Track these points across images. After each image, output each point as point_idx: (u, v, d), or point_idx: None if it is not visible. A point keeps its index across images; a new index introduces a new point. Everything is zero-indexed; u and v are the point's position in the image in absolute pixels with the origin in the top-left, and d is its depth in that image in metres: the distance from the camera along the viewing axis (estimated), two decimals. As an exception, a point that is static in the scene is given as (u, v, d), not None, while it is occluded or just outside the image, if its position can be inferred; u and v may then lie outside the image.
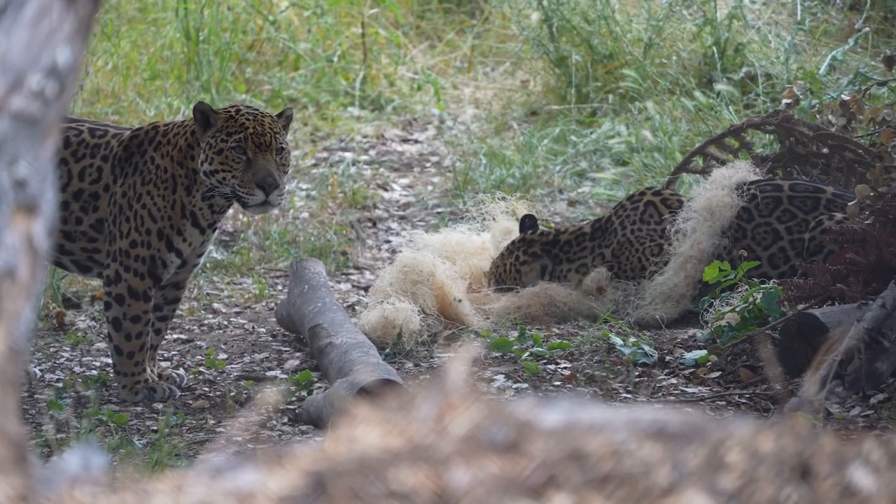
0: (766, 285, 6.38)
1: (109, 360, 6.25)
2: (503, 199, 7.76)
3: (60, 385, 6.14)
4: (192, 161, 5.93)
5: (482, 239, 7.51)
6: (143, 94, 9.57)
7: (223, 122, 5.85)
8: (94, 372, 6.35)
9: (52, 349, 6.65)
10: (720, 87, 9.41)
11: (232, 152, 5.82)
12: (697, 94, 9.41)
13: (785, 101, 7.74)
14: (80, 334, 6.83)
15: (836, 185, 7.18)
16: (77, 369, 6.40)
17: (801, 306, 6.16)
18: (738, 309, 6.36)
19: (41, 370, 6.35)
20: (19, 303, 2.21)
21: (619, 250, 7.13)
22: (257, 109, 5.99)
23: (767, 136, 8.08)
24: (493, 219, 7.63)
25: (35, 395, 6.06)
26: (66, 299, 7.20)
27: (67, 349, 6.66)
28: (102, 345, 6.67)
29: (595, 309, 6.95)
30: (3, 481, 2.12)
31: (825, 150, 7.52)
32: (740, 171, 7.16)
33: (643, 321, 6.85)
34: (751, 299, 6.31)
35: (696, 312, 6.86)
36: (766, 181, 7.11)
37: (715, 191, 7.00)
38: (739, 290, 6.53)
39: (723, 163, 7.68)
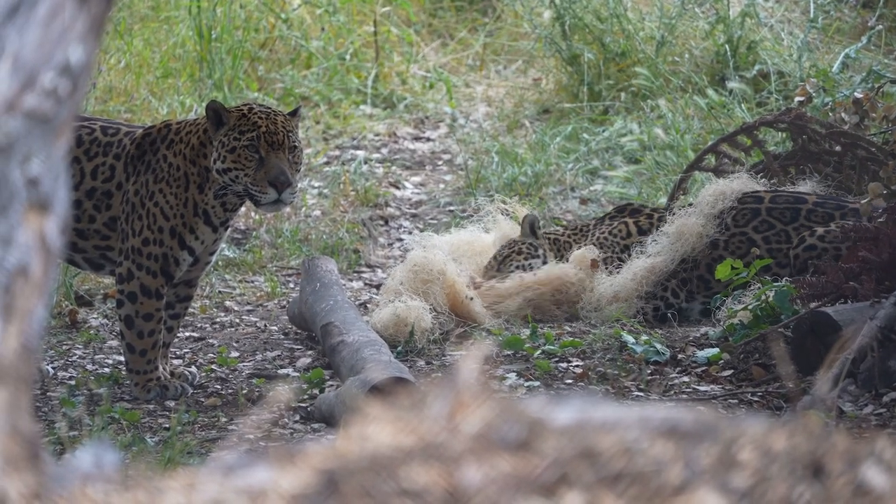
0: (779, 283, 6.37)
1: (122, 358, 6.26)
2: (503, 202, 7.76)
3: (73, 383, 6.16)
4: (205, 159, 5.94)
5: (492, 238, 7.51)
6: (155, 92, 9.58)
7: (236, 120, 5.86)
8: (107, 370, 6.36)
9: (64, 347, 6.66)
10: (733, 84, 9.39)
11: (245, 150, 5.82)
12: (710, 91, 9.39)
13: (798, 98, 7.73)
14: (92, 332, 6.84)
15: (821, 193, 7.19)
16: (90, 367, 6.41)
17: (813, 304, 6.15)
18: (750, 307, 6.35)
19: (54, 368, 6.36)
20: (32, 301, 2.21)
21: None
22: (270, 108, 5.99)
23: (780, 134, 8.06)
24: (494, 220, 7.62)
25: (48, 393, 6.07)
26: (79, 297, 7.22)
27: (80, 347, 6.67)
28: (115, 342, 6.68)
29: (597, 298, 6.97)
30: (17, 479, 2.12)
31: (838, 148, 7.50)
32: (736, 182, 7.19)
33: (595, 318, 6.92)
34: (763, 297, 6.30)
35: (707, 312, 6.87)
36: (749, 193, 7.14)
37: (689, 218, 7.05)
38: (752, 288, 6.53)
39: (735, 161, 7.68)
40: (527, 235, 7.33)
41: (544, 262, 7.25)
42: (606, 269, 7.10)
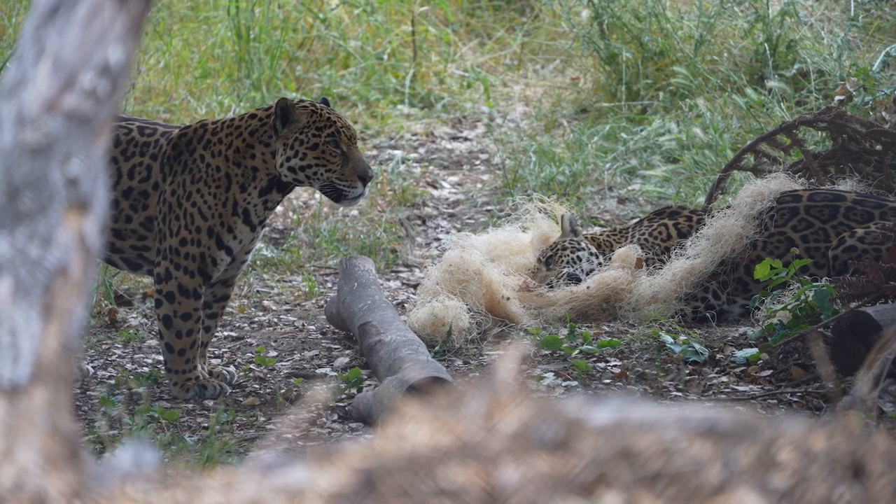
0: (819, 283, 6.34)
1: (161, 358, 6.28)
2: (541, 201, 7.76)
3: (113, 382, 6.19)
4: (252, 159, 5.96)
5: (529, 237, 7.51)
6: (194, 92, 9.62)
7: (308, 117, 5.89)
8: (146, 369, 6.39)
9: (104, 346, 6.70)
10: (772, 83, 9.35)
11: (328, 146, 5.86)
12: (749, 90, 9.35)
13: (838, 97, 7.69)
14: (132, 331, 6.87)
15: (860, 191, 7.16)
16: (129, 366, 6.44)
17: (853, 304, 6.12)
18: (789, 307, 6.32)
19: (94, 367, 6.40)
20: (72, 300, 2.23)
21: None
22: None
23: (820, 133, 8.02)
24: (532, 220, 7.62)
25: (88, 392, 6.10)
26: (119, 296, 7.25)
27: (119, 346, 6.70)
28: (154, 342, 6.71)
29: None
30: (57, 477, 2.13)
31: (878, 147, 7.46)
32: (773, 182, 7.18)
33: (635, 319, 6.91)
34: (803, 297, 6.27)
35: (746, 313, 6.84)
36: (787, 192, 7.12)
37: (727, 220, 7.04)
38: (791, 288, 6.50)
39: (774, 160, 7.64)
40: (567, 234, 7.34)
41: (591, 255, 7.25)
42: (647, 270, 7.09)
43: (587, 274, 7.20)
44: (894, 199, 7.04)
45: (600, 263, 7.27)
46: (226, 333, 6.88)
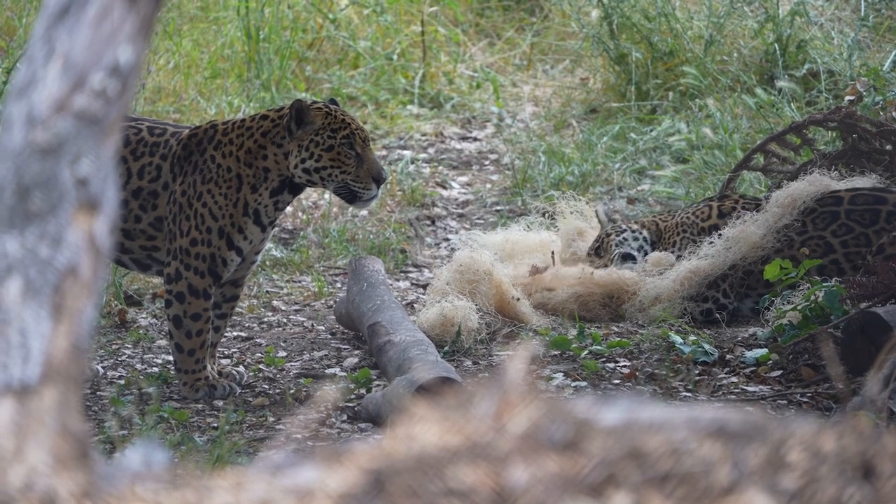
0: (828, 283, 6.33)
1: (171, 358, 6.29)
2: (573, 197, 7.77)
3: (122, 382, 6.19)
4: (264, 160, 5.97)
5: (539, 237, 7.50)
6: (203, 92, 9.63)
7: (323, 119, 5.91)
8: (156, 369, 6.39)
9: (114, 346, 6.70)
10: (782, 83, 9.34)
11: (343, 148, 5.89)
12: (759, 91, 9.34)
13: (848, 97, 7.68)
14: (141, 331, 6.88)
15: None
16: (139, 366, 6.45)
17: (863, 305, 6.11)
18: (799, 307, 6.31)
19: (104, 367, 6.40)
20: (82, 300, 2.23)
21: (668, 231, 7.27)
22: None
23: (830, 132, 8.01)
24: (563, 217, 7.62)
25: (98, 392, 6.11)
26: (128, 297, 7.26)
27: (129, 346, 6.71)
28: (164, 342, 6.71)
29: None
30: (67, 477, 2.14)
31: (888, 147, 7.44)
32: (814, 185, 7.11)
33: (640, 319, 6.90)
34: (812, 297, 6.26)
35: (756, 311, 6.84)
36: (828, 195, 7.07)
37: (750, 226, 7.00)
38: (801, 288, 6.49)
39: (784, 160, 7.63)
40: (606, 225, 7.36)
41: (635, 233, 7.26)
42: (683, 251, 7.12)
43: (639, 251, 7.23)
44: None
45: (647, 240, 7.28)
46: (235, 333, 6.88)
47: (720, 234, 7.05)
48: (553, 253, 7.35)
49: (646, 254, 7.26)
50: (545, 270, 7.09)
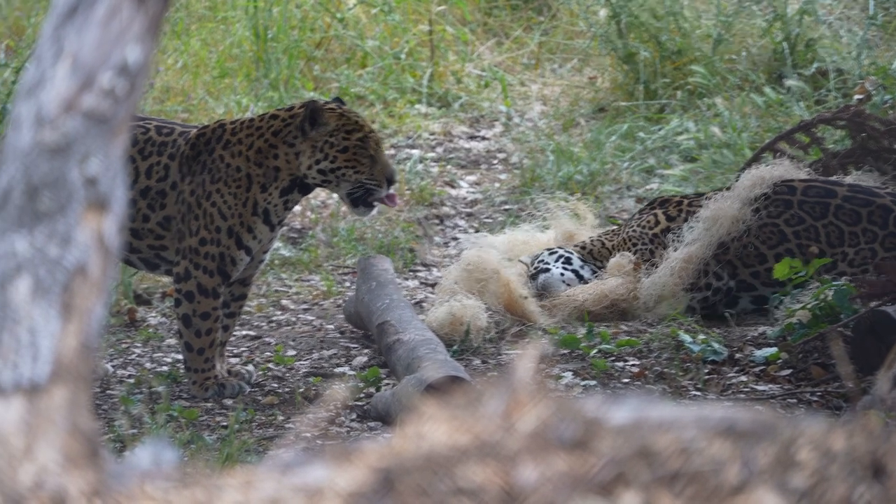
0: (839, 282, 6.32)
1: (180, 357, 6.29)
2: (565, 200, 7.76)
3: (132, 381, 6.20)
4: (275, 160, 5.98)
5: (547, 237, 7.49)
6: (212, 92, 9.63)
7: (337, 120, 5.93)
8: (165, 368, 6.40)
9: (123, 345, 6.71)
10: (790, 82, 9.33)
11: (358, 150, 5.92)
12: (767, 89, 9.33)
13: (857, 96, 7.67)
14: (151, 330, 6.88)
15: None
16: (148, 365, 6.45)
17: (873, 303, 6.10)
18: (809, 306, 6.30)
19: (113, 366, 6.41)
20: (91, 299, 2.23)
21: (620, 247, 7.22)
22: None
23: (838, 131, 8.00)
24: (556, 219, 7.61)
25: (107, 391, 6.11)
26: (138, 296, 7.27)
27: (139, 345, 6.72)
28: (173, 341, 6.72)
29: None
30: (77, 476, 2.14)
31: (897, 146, 7.43)
32: (777, 169, 7.14)
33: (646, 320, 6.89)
34: (822, 296, 6.25)
35: (762, 310, 6.83)
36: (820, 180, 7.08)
37: (724, 202, 6.99)
38: (810, 287, 6.48)
39: (792, 159, 7.62)
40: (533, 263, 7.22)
41: (562, 256, 7.16)
42: (643, 267, 7.04)
43: (565, 270, 7.13)
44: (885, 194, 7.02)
45: (593, 271, 7.17)
46: (244, 332, 6.89)
47: (696, 218, 7.02)
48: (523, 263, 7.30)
49: (577, 275, 7.13)
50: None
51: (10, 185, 2.27)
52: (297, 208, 8.41)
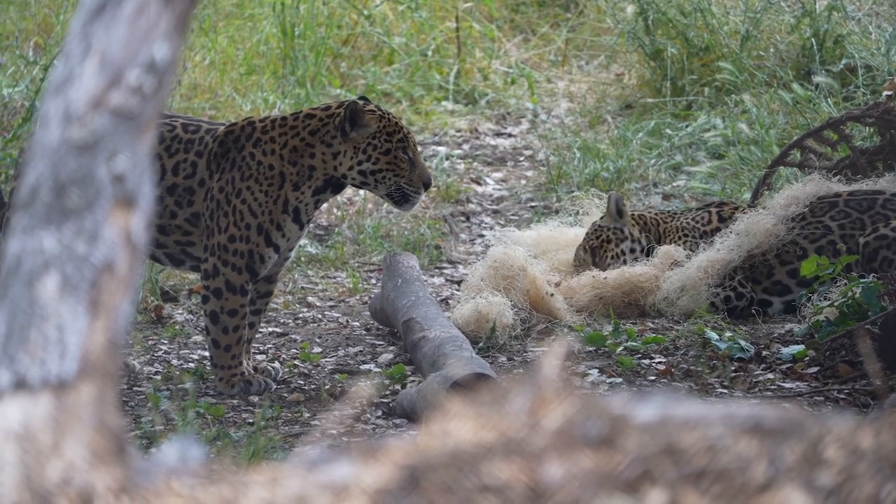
0: (866, 279, 6.30)
1: (207, 353, 6.31)
2: (598, 196, 7.76)
3: (159, 377, 6.22)
4: (311, 158, 5.99)
5: (574, 232, 7.49)
6: (239, 89, 9.65)
7: (377, 122, 5.95)
8: (192, 365, 6.42)
9: (150, 342, 6.73)
10: (819, 79, 9.29)
11: (399, 152, 5.94)
12: (795, 86, 9.30)
13: (886, 93, 7.63)
14: (177, 327, 6.90)
15: None
16: (175, 362, 6.47)
17: (901, 301, 6.07)
18: (836, 303, 6.28)
19: (140, 363, 6.43)
20: (118, 296, 2.24)
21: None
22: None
23: (867, 128, 7.96)
24: (587, 214, 7.62)
25: (134, 388, 6.14)
26: (164, 293, 7.29)
27: (165, 342, 6.74)
28: (200, 338, 6.74)
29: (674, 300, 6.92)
30: (104, 472, 2.15)
31: (926, 143, 7.40)
32: (809, 186, 7.18)
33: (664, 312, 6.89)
34: (850, 294, 6.23)
35: (793, 306, 6.82)
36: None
37: (759, 216, 7.02)
38: (838, 284, 6.46)
39: (820, 156, 7.60)
40: (613, 217, 7.31)
41: (634, 245, 7.26)
42: (687, 255, 7.12)
43: (634, 257, 7.23)
44: None
45: (643, 249, 7.26)
46: (270, 329, 6.90)
47: (729, 230, 7.07)
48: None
49: (642, 252, 7.26)
50: (559, 284, 7.07)
51: (39, 181, 2.28)
52: (324, 205, 8.43)
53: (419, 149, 6.12)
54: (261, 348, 6.62)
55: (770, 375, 6.11)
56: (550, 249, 7.36)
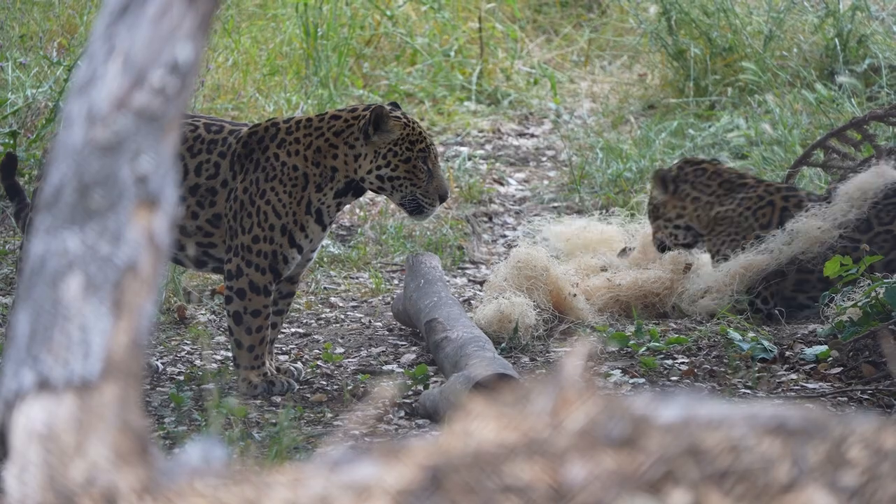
0: (889, 279, 6.27)
1: (230, 354, 6.32)
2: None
3: (182, 378, 6.24)
4: (334, 160, 6.00)
5: (612, 229, 7.47)
6: (262, 89, 9.67)
7: (401, 129, 5.94)
8: (215, 365, 6.43)
9: (173, 343, 6.75)
10: (842, 79, 9.26)
11: (419, 162, 5.94)
12: (818, 86, 9.27)
13: (909, 92, 7.59)
14: (200, 328, 6.92)
15: None
16: (198, 362, 6.49)
17: (925, 302, 6.05)
18: (859, 304, 6.26)
19: (163, 363, 6.45)
20: (141, 297, 2.24)
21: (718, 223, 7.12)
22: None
23: (891, 128, 7.93)
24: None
25: (157, 388, 6.15)
26: (187, 293, 7.31)
27: (188, 343, 6.76)
28: (222, 338, 6.75)
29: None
30: (127, 473, 2.15)
31: (950, 143, 7.36)
32: (882, 177, 6.95)
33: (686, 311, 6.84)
34: (873, 294, 6.21)
35: (813, 308, 6.78)
36: None
37: (812, 220, 6.86)
38: (861, 284, 6.43)
39: (844, 156, 7.56)
40: (660, 193, 7.20)
41: (677, 230, 7.14)
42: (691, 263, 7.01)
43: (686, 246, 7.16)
44: None
45: (691, 235, 7.15)
46: (293, 330, 6.91)
47: (781, 229, 6.94)
48: (626, 249, 7.29)
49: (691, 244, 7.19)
50: (629, 253, 7.08)
51: (62, 182, 2.28)
52: (347, 207, 8.44)
53: (440, 161, 6.10)
54: (283, 349, 6.63)
55: (793, 376, 6.09)
56: (578, 247, 7.33)
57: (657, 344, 6.43)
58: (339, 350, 6.63)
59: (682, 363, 6.28)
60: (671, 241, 7.22)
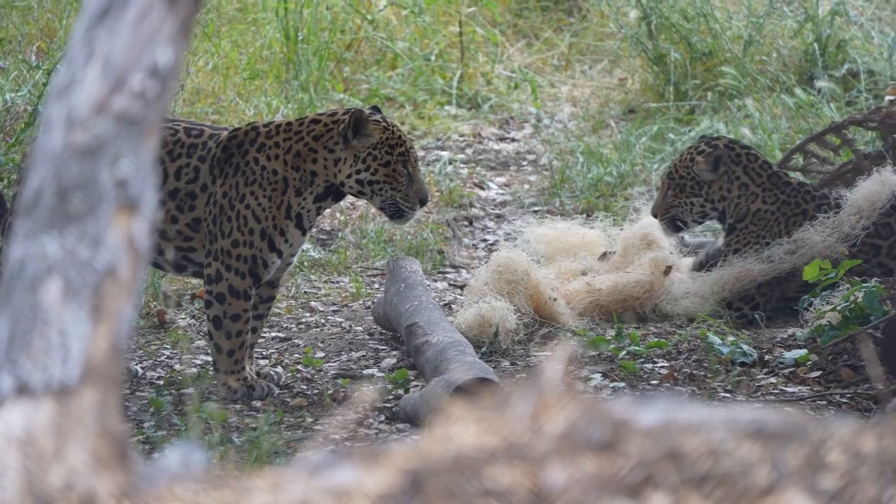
0: (868, 284, 6.29)
1: (209, 358, 6.31)
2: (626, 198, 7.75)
3: (161, 382, 6.22)
4: (313, 164, 5.99)
5: (593, 233, 7.46)
6: (242, 93, 9.66)
7: (381, 133, 5.93)
8: (195, 370, 6.42)
9: (152, 347, 6.73)
10: (821, 83, 9.29)
11: (398, 166, 5.93)
12: (798, 91, 9.30)
13: (888, 97, 7.63)
14: (180, 332, 6.91)
15: None
16: (177, 367, 6.48)
17: (904, 306, 6.07)
18: (839, 308, 6.28)
19: (142, 368, 6.44)
20: (121, 301, 2.24)
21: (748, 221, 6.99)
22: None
23: (869, 133, 7.96)
24: (636, 218, 7.52)
25: (136, 393, 6.14)
26: (167, 297, 7.29)
27: (168, 347, 6.74)
28: (202, 343, 6.74)
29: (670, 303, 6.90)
30: (107, 477, 2.15)
31: (929, 147, 7.39)
32: (888, 185, 6.88)
33: (667, 313, 6.84)
34: (852, 298, 6.23)
35: (795, 311, 6.80)
36: None
37: (811, 232, 6.81)
38: (840, 288, 6.44)
39: (823, 160, 7.59)
40: (710, 171, 6.93)
41: (706, 207, 7.01)
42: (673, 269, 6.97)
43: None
44: None
45: (717, 219, 7.02)
46: (273, 334, 6.90)
47: (786, 238, 6.84)
48: (606, 253, 7.26)
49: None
50: (610, 257, 7.08)
51: (41, 186, 2.28)
52: (327, 211, 8.43)
53: (420, 165, 6.08)
54: (263, 353, 6.62)
55: (773, 380, 6.11)
56: (559, 251, 7.32)
57: (637, 348, 6.44)
58: (320, 354, 6.63)
59: (663, 367, 6.29)
60: (696, 218, 6.96)
